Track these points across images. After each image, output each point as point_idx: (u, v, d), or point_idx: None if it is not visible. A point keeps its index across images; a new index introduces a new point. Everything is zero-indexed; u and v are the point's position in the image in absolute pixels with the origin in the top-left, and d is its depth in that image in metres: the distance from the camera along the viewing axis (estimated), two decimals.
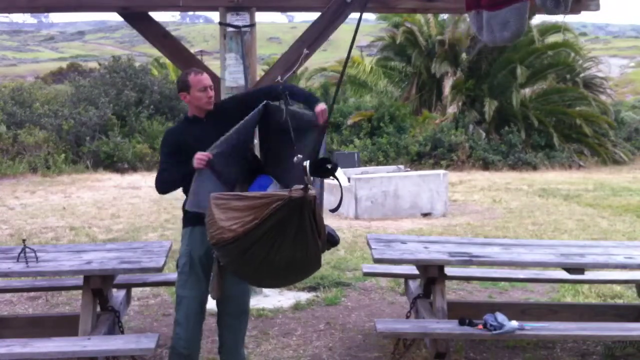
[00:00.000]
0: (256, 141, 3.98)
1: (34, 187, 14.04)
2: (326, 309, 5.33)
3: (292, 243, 3.17)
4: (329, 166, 3.14)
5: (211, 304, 3.74)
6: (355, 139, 18.76)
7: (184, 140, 3.61)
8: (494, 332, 3.66)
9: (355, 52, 27.06)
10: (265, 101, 3.64)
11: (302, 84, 24.42)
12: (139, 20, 5.53)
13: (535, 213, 10.22)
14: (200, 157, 3.43)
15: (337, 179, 3.39)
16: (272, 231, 3.12)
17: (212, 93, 3.68)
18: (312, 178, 3.11)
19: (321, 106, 3.55)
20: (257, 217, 3.08)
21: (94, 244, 6.89)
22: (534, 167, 17.69)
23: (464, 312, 4.02)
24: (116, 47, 72.65)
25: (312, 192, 3.02)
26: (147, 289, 5.69)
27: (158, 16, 5.93)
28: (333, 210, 3.58)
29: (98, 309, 4.01)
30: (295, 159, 3.38)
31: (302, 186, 3.03)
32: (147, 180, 15.23)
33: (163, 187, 3.64)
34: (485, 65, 20.08)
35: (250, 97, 3.83)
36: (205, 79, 3.65)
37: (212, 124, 3.63)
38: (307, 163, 3.08)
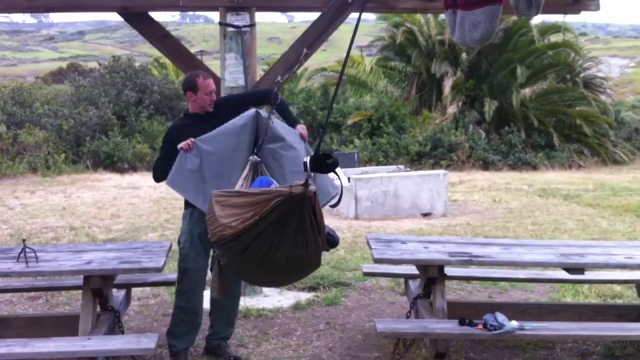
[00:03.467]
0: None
1: (34, 187, 14.03)
2: (326, 309, 5.33)
3: (292, 239, 3.17)
4: (329, 161, 3.15)
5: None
6: (355, 139, 18.76)
7: (186, 134, 3.96)
8: (494, 332, 3.66)
9: (355, 52, 27.06)
10: (255, 110, 3.96)
11: (302, 84, 24.40)
12: (139, 20, 5.53)
13: (535, 213, 10.21)
14: (186, 141, 3.88)
15: (337, 175, 3.40)
16: (272, 227, 3.13)
17: (214, 97, 4.12)
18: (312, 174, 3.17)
19: (303, 127, 4.07)
20: (257, 214, 3.09)
21: (94, 244, 6.88)
22: (534, 167, 17.69)
23: (464, 312, 4.03)
24: (116, 47, 72.61)
25: (312, 188, 3.03)
26: (147, 289, 5.69)
27: (158, 16, 5.93)
28: (333, 206, 3.60)
29: (98, 309, 4.01)
30: (252, 157, 3.81)
31: (302, 182, 3.03)
32: (147, 180, 15.23)
33: (156, 173, 4.15)
34: (485, 65, 20.08)
35: (242, 101, 4.27)
36: (212, 83, 4.11)
37: (212, 121, 4.03)
38: (307, 159, 3.09)
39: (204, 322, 4.30)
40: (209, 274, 4.01)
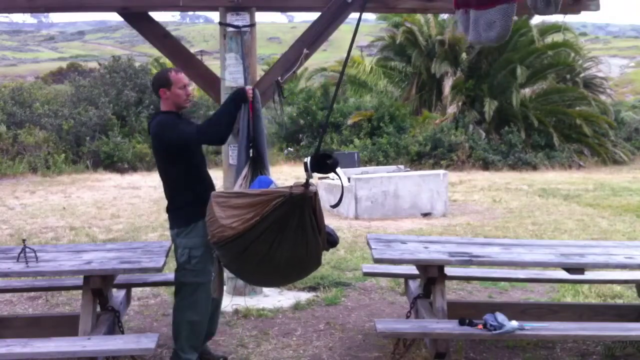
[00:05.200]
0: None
1: (34, 187, 14.04)
2: (326, 309, 5.33)
3: (293, 240, 3.17)
4: (329, 161, 3.14)
5: None
6: (355, 139, 18.77)
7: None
8: (494, 332, 3.66)
9: (355, 52, 27.06)
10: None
11: (302, 84, 24.40)
12: (139, 20, 5.52)
13: (535, 213, 10.21)
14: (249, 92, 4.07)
15: (337, 176, 3.41)
16: (272, 228, 3.12)
17: (190, 90, 3.91)
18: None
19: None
20: (258, 214, 3.09)
21: (94, 244, 6.88)
22: (534, 167, 17.69)
23: (464, 312, 4.02)
24: (116, 47, 72.66)
25: (313, 188, 3.03)
26: (147, 289, 5.69)
27: (158, 16, 5.91)
28: (334, 206, 3.60)
29: (98, 309, 4.01)
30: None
31: (302, 182, 3.03)
32: (147, 180, 15.24)
33: (226, 130, 3.85)
34: (485, 65, 20.08)
35: None
36: (185, 77, 3.90)
37: (185, 119, 3.99)
38: (307, 159, 3.08)
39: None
40: None
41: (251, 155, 4.09)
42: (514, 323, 3.69)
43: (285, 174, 14.95)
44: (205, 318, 3.94)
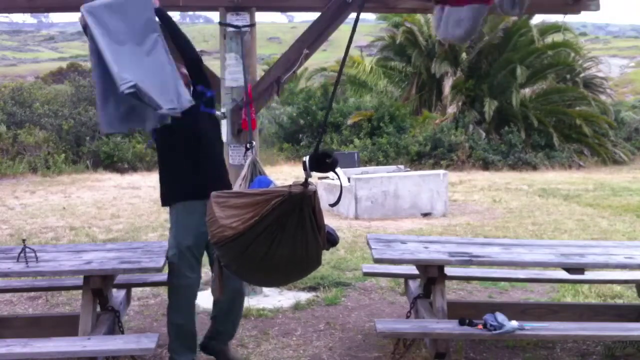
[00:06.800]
0: None
1: (34, 187, 14.04)
2: (326, 309, 5.33)
3: (292, 239, 3.17)
4: (328, 161, 3.12)
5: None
6: (355, 139, 18.76)
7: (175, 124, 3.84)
8: (494, 332, 3.66)
9: (355, 52, 27.06)
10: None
11: (302, 84, 24.40)
12: None
13: (535, 213, 10.21)
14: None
15: (337, 175, 3.40)
16: (272, 227, 3.12)
17: (186, 80, 3.91)
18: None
19: None
20: (257, 214, 3.08)
21: (94, 244, 6.88)
22: (534, 167, 17.70)
23: (464, 312, 4.02)
24: None
25: (312, 187, 3.02)
26: (147, 289, 5.69)
27: None
28: (333, 205, 3.59)
29: (98, 309, 4.00)
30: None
31: (301, 182, 3.03)
32: (147, 180, 15.24)
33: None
34: (485, 65, 20.08)
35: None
36: (181, 67, 3.93)
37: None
38: (306, 158, 3.07)
39: (205, 324, 4.28)
40: (210, 275, 3.99)
41: None
42: (514, 323, 3.69)
43: (285, 174, 14.95)
44: (189, 320, 3.92)
